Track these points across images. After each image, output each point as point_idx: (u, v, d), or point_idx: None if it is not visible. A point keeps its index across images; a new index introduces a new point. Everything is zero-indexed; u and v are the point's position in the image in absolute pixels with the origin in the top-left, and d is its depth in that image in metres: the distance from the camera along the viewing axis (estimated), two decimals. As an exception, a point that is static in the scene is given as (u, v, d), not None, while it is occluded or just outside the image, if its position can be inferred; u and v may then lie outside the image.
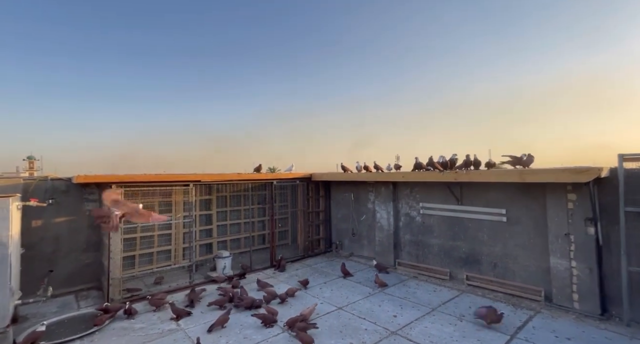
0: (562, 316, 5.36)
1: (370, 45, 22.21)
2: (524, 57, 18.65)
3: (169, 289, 6.81)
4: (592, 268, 5.34)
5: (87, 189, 7.33)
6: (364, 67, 23.61)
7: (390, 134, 23.51)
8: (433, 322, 5.24)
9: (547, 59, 17.99)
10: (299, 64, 24.42)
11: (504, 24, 18.09)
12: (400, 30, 20.74)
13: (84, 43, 19.07)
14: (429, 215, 7.88)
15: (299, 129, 26.97)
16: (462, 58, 20.97)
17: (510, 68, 19.15)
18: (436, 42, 20.12)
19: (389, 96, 24.02)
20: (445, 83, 21.45)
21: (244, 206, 10.08)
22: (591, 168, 4.89)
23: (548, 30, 17.11)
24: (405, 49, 21.56)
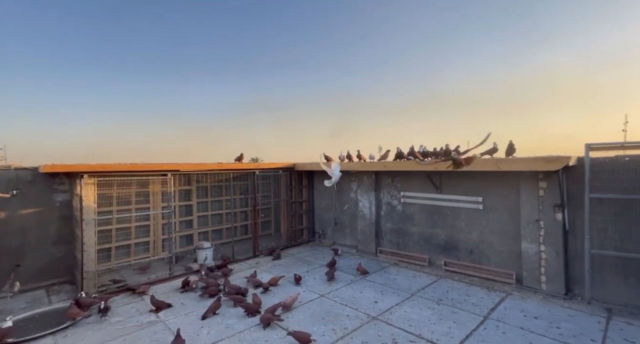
0: (531, 297, 5.70)
1: (355, 36, 21.95)
2: (506, 50, 19.10)
3: (148, 281, 6.65)
4: (559, 251, 5.69)
5: (57, 179, 6.93)
6: (348, 58, 23.37)
7: (374, 125, 23.63)
8: (412, 307, 5.42)
9: (524, 53, 18.51)
10: (282, 54, 23.81)
11: (489, 17, 18.36)
12: (384, 21, 20.58)
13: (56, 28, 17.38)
14: (410, 204, 8.06)
15: (281, 119, 26.50)
16: (444, 50, 21.19)
17: (491, 61, 19.59)
18: (418, 34, 20.19)
19: (373, 86, 24.01)
20: (428, 75, 21.68)
21: (226, 196, 9.91)
22: (560, 157, 5.14)
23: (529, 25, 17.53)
24: (389, 39, 21.51)
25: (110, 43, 21.80)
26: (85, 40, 21.25)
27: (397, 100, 24.33)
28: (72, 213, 6.94)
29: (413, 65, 22.97)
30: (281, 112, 27.20)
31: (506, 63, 20.34)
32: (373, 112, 24.93)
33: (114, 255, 7.69)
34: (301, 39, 23.88)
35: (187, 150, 23.85)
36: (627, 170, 5.05)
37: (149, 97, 25.24)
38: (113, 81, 23.06)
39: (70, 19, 20.19)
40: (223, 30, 23.57)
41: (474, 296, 5.81)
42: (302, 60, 24.55)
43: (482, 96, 21.12)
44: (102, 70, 22.05)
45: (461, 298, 5.74)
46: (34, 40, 20.48)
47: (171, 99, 25.80)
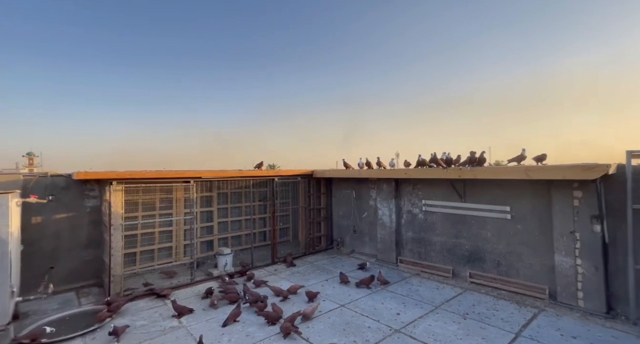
0: (567, 314, 5.31)
1: (371, 43, 22.09)
2: (523, 56, 18.56)
3: (171, 285, 6.78)
4: (598, 266, 5.29)
5: (87, 185, 7.27)
6: (364, 64, 23.46)
7: (391, 131, 23.45)
8: (436, 320, 5.19)
9: (542, 59, 17.89)
10: (300, 62, 24.28)
11: (505, 23, 17.97)
12: (400, 28, 20.60)
13: (81, 42, 18.93)
14: (432, 212, 7.82)
15: (298, 126, 26.90)
16: (463, 56, 20.84)
17: (509, 67, 19.07)
18: (437, 40, 19.97)
19: (388, 93, 23.93)
20: (445, 81, 21.35)
21: (245, 202, 10.03)
22: (599, 165, 4.81)
23: (547, 31, 16.99)
24: (406, 46, 21.45)
25: (137, 55, 23.01)
26: (114, 53, 22.54)
27: (412, 106, 24.08)
28: (101, 218, 7.24)
29: (430, 71, 22.72)
30: (297, 120, 27.61)
31: (526, 68, 19.70)
32: (387, 118, 24.75)
33: (139, 259, 7.92)
34: (316, 47, 24.25)
35: (207, 157, 24.55)
36: (675, 179, 4.66)
37: (170, 106, 26.29)
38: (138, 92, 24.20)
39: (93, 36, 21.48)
40: (239, 39, 24.30)
41: (502, 310, 5.50)
42: (318, 66, 24.86)
43: (501, 101, 20.51)
44: (150, 93, 23.13)
45: (489, 312, 5.45)
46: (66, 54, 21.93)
47: (192, 108, 26.79)
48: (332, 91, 24.31)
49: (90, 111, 22.72)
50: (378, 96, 23.71)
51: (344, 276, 7.04)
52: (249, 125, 26.93)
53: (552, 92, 17.19)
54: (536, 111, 17.74)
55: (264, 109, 25.78)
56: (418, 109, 21.86)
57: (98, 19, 18.78)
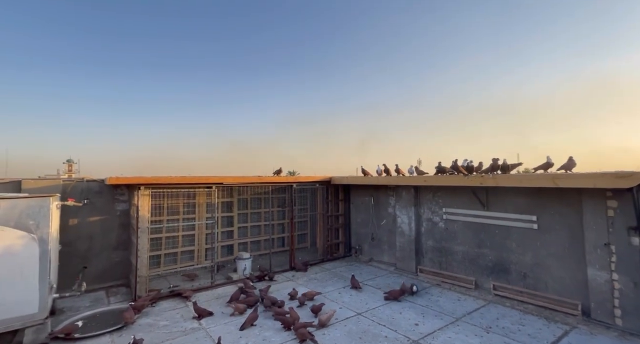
0: (602, 332, 4.94)
1: (391, 51, 22.04)
2: (548, 62, 17.74)
3: (192, 288, 7.01)
4: (638, 281, 4.90)
5: (118, 190, 7.73)
6: (384, 72, 23.41)
7: (411, 138, 23.07)
8: (457, 332, 5.01)
9: (568, 64, 16.96)
10: (321, 70, 24.62)
11: (527, 30, 17.35)
12: (421, 35, 20.41)
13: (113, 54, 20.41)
14: (453, 221, 7.60)
15: (318, 133, 27.15)
16: (485, 63, 20.26)
17: (531, 73, 18.27)
18: (458, 47, 19.63)
19: (409, 100, 23.65)
20: (466, 88, 20.82)
21: (264, 208, 10.22)
22: (635, 173, 4.50)
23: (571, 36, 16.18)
24: (428, 54, 21.20)
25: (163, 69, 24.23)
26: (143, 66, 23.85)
27: (436, 113, 23.60)
28: (129, 221, 7.66)
29: (459, 77, 22.23)
30: (315, 127, 27.82)
31: (560, 72, 18.79)
32: (409, 126, 24.40)
33: (162, 262, 8.26)
34: (334, 55, 24.44)
35: (227, 163, 25.25)
36: None
37: (193, 114, 27.20)
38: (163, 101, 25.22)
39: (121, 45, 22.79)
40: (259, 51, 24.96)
41: (529, 326, 5.21)
42: (333, 74, 25.03)
43: (530, 108, 19.62)
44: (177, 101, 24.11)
45: (514, 327, 5.18)
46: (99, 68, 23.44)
47: (224, 123, 27.67)
48: (350, 98, 24.40)
49: (122, 118, 24.35)
50: (397, 103, 23.49)
51: (355, 281, 7.04)
52: (269, 133, 27.55)
53: (593, 98, 16.32)
54: (575, 117, 16.92)
55: (282, 117, 26.35)
56: (440, 117, 21.45)
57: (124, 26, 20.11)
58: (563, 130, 17.07)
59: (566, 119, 17.70)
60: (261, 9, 21.79)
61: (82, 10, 18.77)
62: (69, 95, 38.11)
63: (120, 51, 21.06)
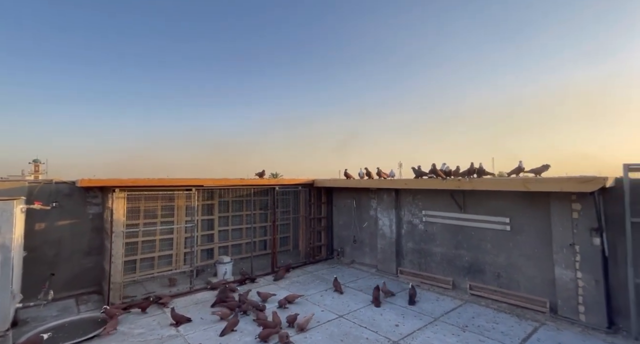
0: (567, 328, 5.25)
1: (372, 54, 22.46)
2: (524, 67, 18.74)
3: (169, 294, 6.78)
4: (599, 279, 5.25)
5: (90, 192, 7.37)
6: (365, 75, 23.78)
7: (392, 142, 23.54)
8: (435, 332, 5.15)
9: (542, 70, 18.03)
10: (302, 72, 24.61)
11: (505, 34, 18.27)
12: (401, 39, 20.97)
13: (86, 50, 19.36)
14: (432, 223, 7.82)
15: (300, 135, 27.10)
16: (462, 67, 21.09)
17: (509, 78, 19.25)
18: (436, 51, 20.33)
19: (389, 103, 24.12)
20: (444, 92, 21.57)
21: (246, 211, 10.07)
22: (596, 178, 4.84)
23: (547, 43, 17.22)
24: (406, 57, 21.79)
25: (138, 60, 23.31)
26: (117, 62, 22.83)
27: (414, 117, 24.26)
28: (102, 225, 7.31)
29: (435, 84, 22.97)
30: (296, 129, 27.76)
31: (524, 81, 19.88)
32: (389, 129, 24.90)
33: (139, 267, 7.94)
34: (318, 59, 24.59)
35: (207, 165, 24.55)
36: (673, 192, 4.68)
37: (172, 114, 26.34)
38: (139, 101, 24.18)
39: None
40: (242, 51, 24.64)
41: (502, 323, 5.45)
42: (318, 78, 25.15)
43: (498, 115, 20.68)
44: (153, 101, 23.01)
45: (489, 325, 5.40)
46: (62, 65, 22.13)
47: (194, 117, 26.95)
48: (333, 101, 24.57)
49: (94, 118, 22.95)
50: (379, 107, 23.93)
51: (337, 284, 7.09)
52: (250, 135, 27.13)
53: (557, 107, 17.44)
54: (541, 125, 18.01)
55: (264, 119, 26.07)
56: (420, 121, 22.06)
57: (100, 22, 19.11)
58: (533, 136, 18.05)
59: (536, 126, 18.74)
60: (245, 10, 21.62)
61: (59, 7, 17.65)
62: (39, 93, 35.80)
63: (100, 49, 20.12)
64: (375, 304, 6.25)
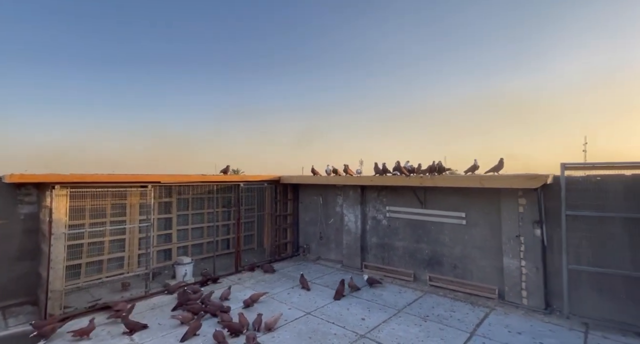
0: (513, 312, 5.81)
1: (332, 52, 22.64)
2: (470, 73, 20.41)
3: (122, 299, 6.19)
4: (538, 266, 5.88)
5: (22, 189, 6.43)
6: (326, 74, 23.89)
7: (352, 140, 24.09)
8: (399, 323, 5.37)
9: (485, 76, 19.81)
10: (258, 66, 23.91)
11: (463, 44, 19.67)
12: (361, 39, 21.42)
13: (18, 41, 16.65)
14: (395, 218, 8.13)
15: (257, 130, 26.37)
16: (416, 70, 22.26)
17: (460, 81, 20.87)
18: (392, 55, 21.21)
19: (348, 102, 24.61)
20: (401, 93, 22.63)
21: (208, 209, 9.59)
22: (540, 175, 5.40)
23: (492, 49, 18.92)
24: (366, 58, 22.36)
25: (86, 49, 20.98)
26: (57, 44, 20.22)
27: (373, 116, 25.08)
28: (38, 226, 6.43)
29: (392, 85, 23.91)
30: (259, 126, 27.05)
31: (472, 85, 21.66)
32: (349, 127, 25.43)
33: (84, 272, 7.14)
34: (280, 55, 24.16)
35: (158, 161, 22.79)
36: (599, 189, 5.38)
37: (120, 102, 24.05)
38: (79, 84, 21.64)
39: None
40: (202, 39, 23.34)
41: (459, 311, 5.85)
42: (280, 74, 24.74)
43: (449, 115, 22.36)
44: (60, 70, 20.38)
45: (447, 313, 5.76)
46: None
47: (145, 106, 24.89)
48: (295, 98, 24.38)
49: (26, 107, 19.77)
50: (338, 105, 24.31)
51: (304, 281, 7.09)
52: (209, 130, 25.81)
53: (497, 111, 19.36)
54: (481, 127, 19.88)
55: (224, 114, 24.99)
56: (378, 120, 22.93)
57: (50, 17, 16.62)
58: (473, 137, 19.85)
59: (478, 127, 20.58)
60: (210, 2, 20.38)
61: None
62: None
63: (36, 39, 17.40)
64: (335, 298, 6.39)
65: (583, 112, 19.72)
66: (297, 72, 24.72)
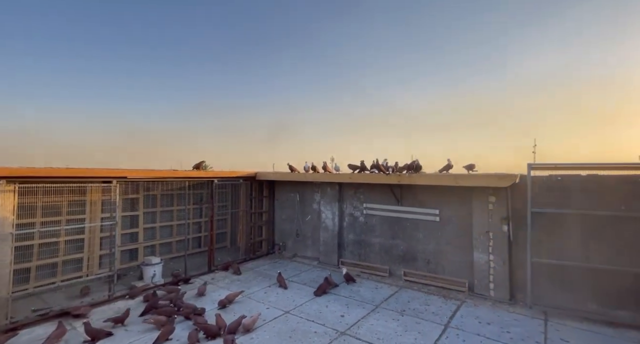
0: (482, 303, 6.14)
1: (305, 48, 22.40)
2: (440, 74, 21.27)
3: (81, 305, 5.67)
4: (505, 260, 6.26)
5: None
6: (298, 71, 23.59)
7: (324, 138, 24.11)
8: (378, 319, 5.45)
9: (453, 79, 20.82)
10: (230, 61, 23.02)
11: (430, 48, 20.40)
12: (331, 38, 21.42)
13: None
14: (372, 215, 8.25)
15: (230, 126, 25.43)
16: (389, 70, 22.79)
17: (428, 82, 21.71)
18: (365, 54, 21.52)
19: (322, 100, 24.56)
20: (372, 92, 23.02)
21: (178, 206, 9.09)
22: (509, 175, 5.72)
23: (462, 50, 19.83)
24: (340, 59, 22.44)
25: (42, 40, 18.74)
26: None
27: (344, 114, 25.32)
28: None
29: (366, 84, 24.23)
30: (228, 120, 26.01)
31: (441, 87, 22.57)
32: (321, 124, 25.39)
33: (34, 276, 6.44)
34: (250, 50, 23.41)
35: (122, 154, 21.06)
36: (561, 187, 5.83)
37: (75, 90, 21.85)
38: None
39: None
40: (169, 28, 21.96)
41: (433, 305, 6.07)
42: (253, 70, 24.01)
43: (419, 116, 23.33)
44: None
45: (422, 307, 5.95)
46: None
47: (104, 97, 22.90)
48: (267, 94, 23.80)
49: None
50: (310, 104, 24.18)
51: (281, 279, 6.99)
52: (177, 124, 24.37)
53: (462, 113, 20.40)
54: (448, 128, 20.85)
55: (194, 109, 23.72)
56: (350, 118, 23.16)
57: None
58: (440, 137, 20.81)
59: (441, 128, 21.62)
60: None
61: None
62: None
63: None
64: (317, 293, 6.42)
65: (534, 114, 21.42)
66: (266, 67, 24.15)
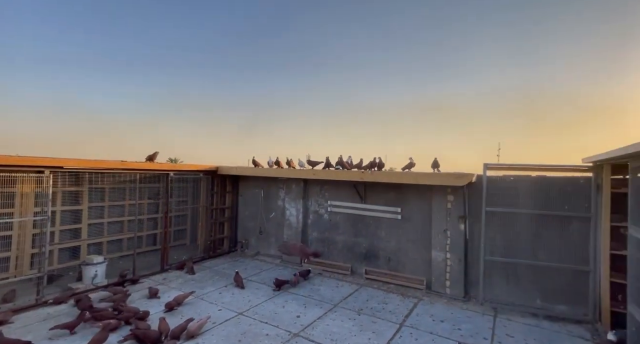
0: (438, 301, 6.23)
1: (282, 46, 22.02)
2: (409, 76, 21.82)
3: (3, 310, 5.00)
4: (461, 258, 6.40)
5: None
6: (276, 67, 23.12)
7: (295, 133, 23.87)
8: (334, 319, 5.33)
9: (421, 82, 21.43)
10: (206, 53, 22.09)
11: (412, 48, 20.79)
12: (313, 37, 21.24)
13: None
14: (336, 213, 8.14)
15: (201, 119, 24.46)
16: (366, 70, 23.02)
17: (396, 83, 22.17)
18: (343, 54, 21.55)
19: (296, 96, 24.30)
20: (348, 92, 23.17)
21: (129, 200, 8.42)
22: (466, 174, 5.81)
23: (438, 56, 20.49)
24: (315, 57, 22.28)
25: None
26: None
27: (319, 111, 25.23)
28: None
29: (341, 82, 24.28)
30: (199, 113, 25.07)
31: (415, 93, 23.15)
32: (295, 120, 25.20)
33: (-52, 278, 5.62)
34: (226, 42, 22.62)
35: (79, 144, 19.49)
36: (513, 187, 6.02)
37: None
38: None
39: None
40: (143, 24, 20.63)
41: (391, 303, 6.06)
42: (227, 64, 23.25)
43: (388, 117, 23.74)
44: None
45: (379, 306, 5.92)
46: None
47: (67, 87, 21.08)
48: (239, 89, 23.16)
49: None
50: (286, 99, 23.86)
51: (239, 278, 6.69)
52: (144, 116, 23.01)
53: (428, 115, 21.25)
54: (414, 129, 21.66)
55: (162, 101, 22.54)
56: (325, 115, 23.22)
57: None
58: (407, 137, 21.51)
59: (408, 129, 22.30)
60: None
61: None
62: None
63: None
64: (274, 287, 6.43)
65: (497, 118, 22.58)
66: (241, 63, 23.43)
